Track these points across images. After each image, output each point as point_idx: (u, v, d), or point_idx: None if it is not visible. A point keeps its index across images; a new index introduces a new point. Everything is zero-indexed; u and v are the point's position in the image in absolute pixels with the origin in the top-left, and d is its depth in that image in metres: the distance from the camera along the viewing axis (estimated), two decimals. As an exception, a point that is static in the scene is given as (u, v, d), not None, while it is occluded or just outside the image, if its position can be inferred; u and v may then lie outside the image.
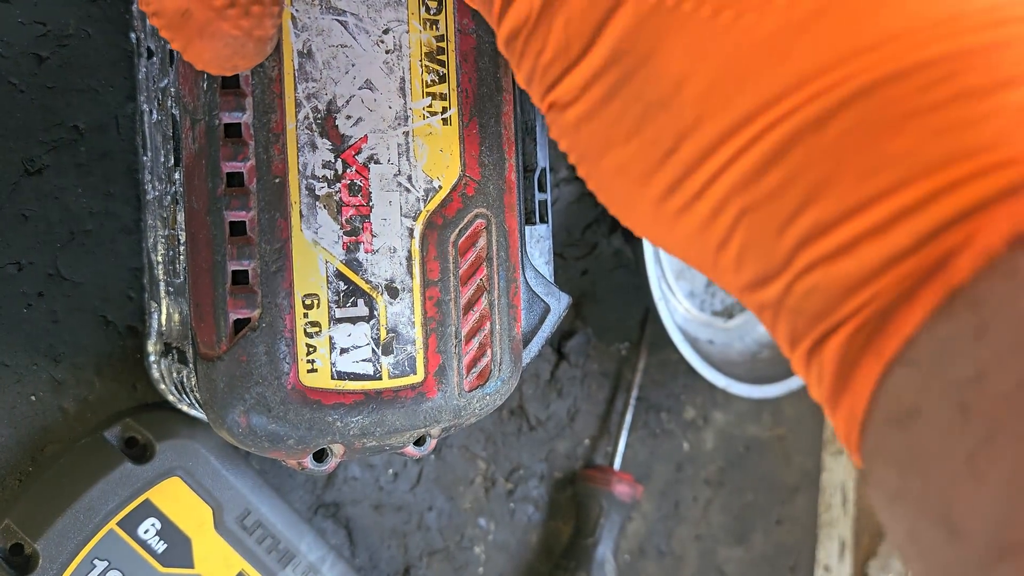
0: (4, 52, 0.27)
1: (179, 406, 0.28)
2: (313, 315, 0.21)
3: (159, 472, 0.28)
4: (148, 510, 0.28)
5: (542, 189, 0.27)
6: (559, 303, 0.27)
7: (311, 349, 0.21)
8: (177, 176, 0.23)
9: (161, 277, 0.26)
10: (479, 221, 0.23)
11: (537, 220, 0.27)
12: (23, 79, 0.28)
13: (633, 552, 0.45)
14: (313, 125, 0.21)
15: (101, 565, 0.27)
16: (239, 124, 0.20)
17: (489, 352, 0.24)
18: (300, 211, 0.21)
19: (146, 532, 0.28)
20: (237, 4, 0.16)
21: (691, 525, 0.47)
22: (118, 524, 0.28)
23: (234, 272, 0.21)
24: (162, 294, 0.26)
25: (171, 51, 0.22)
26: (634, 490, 0.42)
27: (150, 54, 0.24)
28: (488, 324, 0.24)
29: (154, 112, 0.25)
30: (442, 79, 0.22)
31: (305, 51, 0.21)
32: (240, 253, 0.20)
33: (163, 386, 0.27)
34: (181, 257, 0.23)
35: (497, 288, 0.24)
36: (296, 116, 0.21)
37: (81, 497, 0.27)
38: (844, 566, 0.56)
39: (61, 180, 0.29)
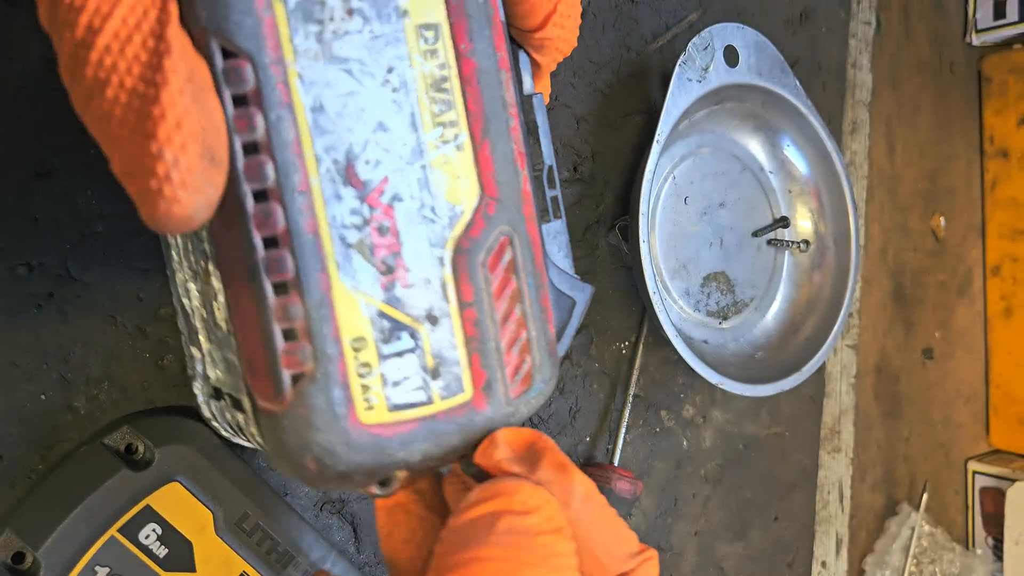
0: (13, 56, 0.27)
1: (234, 439, 0.28)
2: (363, 356, 0.22)
3: (158, 478, 0.28)
4: (148, 516, 0.28)
5: (552, 186, 0.28)
6: (583, 294, 0.28)
7: (366, 388, 0.22)
8: (204, 237, 0.23)
9: (199, 327, 0.26)
10: (503, 237, 0.24)
11: (551, 216, 0.27)
12: (32, 82, 0.27)
13: (632, 549, 0.45)
14: (335, 176, 0.21)
15: (103, 572, 0.27)
16: (266, 190, 0.20)
17: (529, 359, 0.25)
18: (336, 261, 0.21)
19: (147, 537, 0.28)
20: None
21: (690, 521, 0.47)
22: (119, 530, 0.28)
23: (283, 331, 0.21)
24: (202, 341, 0.27)
25: None
26: (634, 487, 0.42)
27: None
28: (524, 333, 0.24)
29: None
30: (449, 106, 0.22)
31: (317, 106, 0.21)
32: (286, 313, 0.21)
33: (215, 423, 0.28)
34: (219, 312, 0.24)
35: (528, 297, 0.25)
36: (318, 171, 0.21)
37: (81, 504, 0.27)
38: (841, 562, 0.56)
39: (71, 182, 0.28)
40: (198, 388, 0.28)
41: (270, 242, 0.21)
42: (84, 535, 0.27)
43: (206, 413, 0.28)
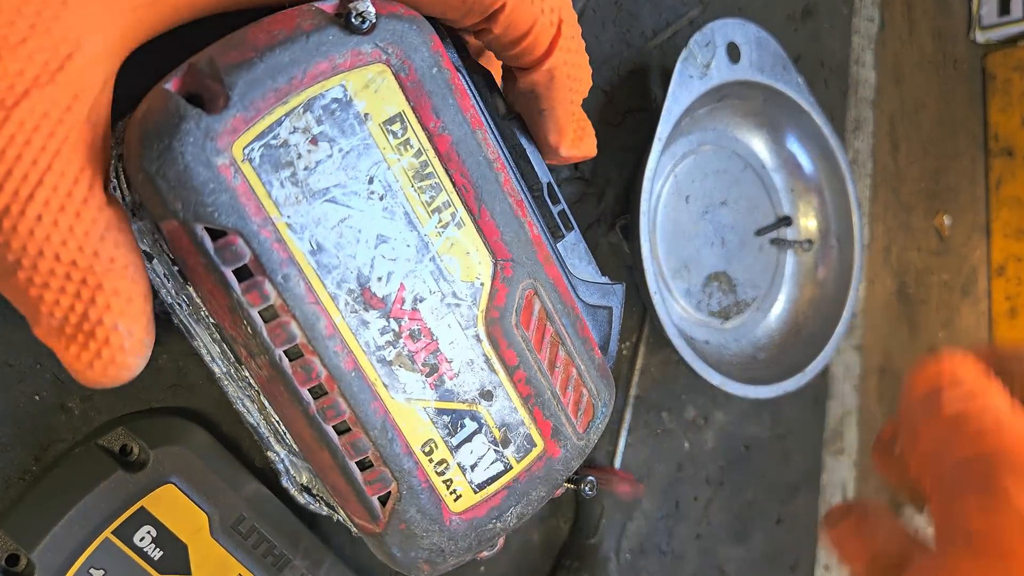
0: None
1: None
2: (436, 456, 0.23)
3: (153, 480, 0.28)
4: (143, 518, 0.28)
5: (556, 201, 0.27)
6: (617, 298, 0.28)
7: (449, 483, 0.23)
8: (248, 377, 0.23)
9: (269, 437, 0.27)
10: (528, 292, 0.24)
11: (563, 231, 0.27)
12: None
13: (634, 551, 0.45)
14: (356, 306, 0.21)
15: (98, 574, 0.27)
16: (298, 346, 0.21)
17: (584, 391, 0.26)
18: (383, 383, 0.22)
19: (142, 540, 0.28)
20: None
21: (692, 524, 0.47)
22: (113, 532, 0.27)
23: (358, 463, 0.22)
24: (277, 448, 0.28)
25: (179, 271, 0.22)
26: (635, 489, 0.42)
27: (148, 257, 0.24)
28: (574, 370, 0.25)
29: (184, 306, 0.25)
30: (438, 190, 0.22)
31: (315, 248, 0.20)
32: (355, 448, 0.22)
33: (312, 508, 0.29)
34: (286, 435, 0.25)
35: (567, 335, 0.25)
36: (339, 309, 0.21)
37: (76, 506, 0.27)
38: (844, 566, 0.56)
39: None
40: (286, 482, 0.29)
41: (317, 390, 0.21)
42: (79, 537, 0.27)
43: (300, 501, 0.29)
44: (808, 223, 0.50)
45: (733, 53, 0.43)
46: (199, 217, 0.19)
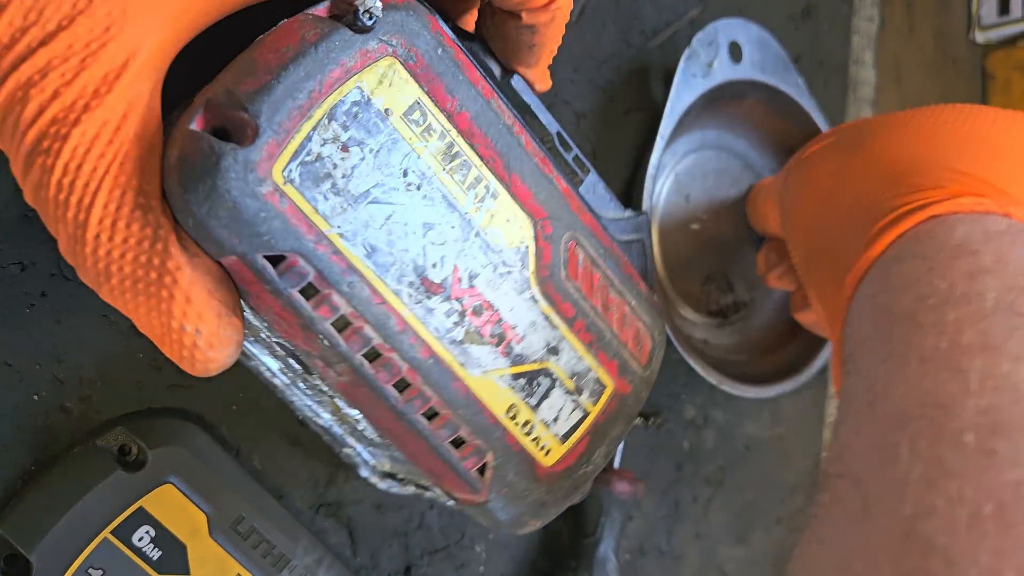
0: None
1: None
2: (521, 418, 0.24)
3: (152, 479, 0.28)
4: (142, 518, 0.28)
5: (567, 149, 0.28)
6: (644, 227, 0.29)
7: (537, 440, 0.25)
8: (319, 384, 0.24)
9: (345, 435, 0.28)
10: (570, 244, 0.25)
11: (581, 175, 0.28)
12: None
13: (634, 551, 0.45)
14: (419, 296, 0.22)
15: (96, 574, 0.27)
16: (375, 348, 0.21)
17: (639, 324, 0.27)
18: (459, 363, 0.23)
19: (140, 540, 0.28)
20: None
21: (691, 524, 0.47)
22: (112, 532, 0.27)
23: (451, 443, 0.23)
24: (353, 443, 0.28)
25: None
26: (635, 489, 0.42)
27: None
28: (626, 307, 0.27)
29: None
30: (468, 167, 0.23)
31: (370, 250, 0.21)
32: (447, 429, 0.23)
33: (395, 491, 0.30)
34: (365, 431, 0.26)
35: (612, 276, 0.26)
36: (403, 302, 0.22)
37: (74, 506, 0.27)
38: (844, 564, 0.56)
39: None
40: (365, 472, 0.30)
41: (401, 384, 0.22)
42: (77, 537, 0.27)
43: (382, 487, 0.30)
44: (808, 223, 0.50)
45: (735, 52, 0.43)
46: (257, 248, 0.19)
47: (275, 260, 0.19)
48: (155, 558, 0.28)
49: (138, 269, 0.18)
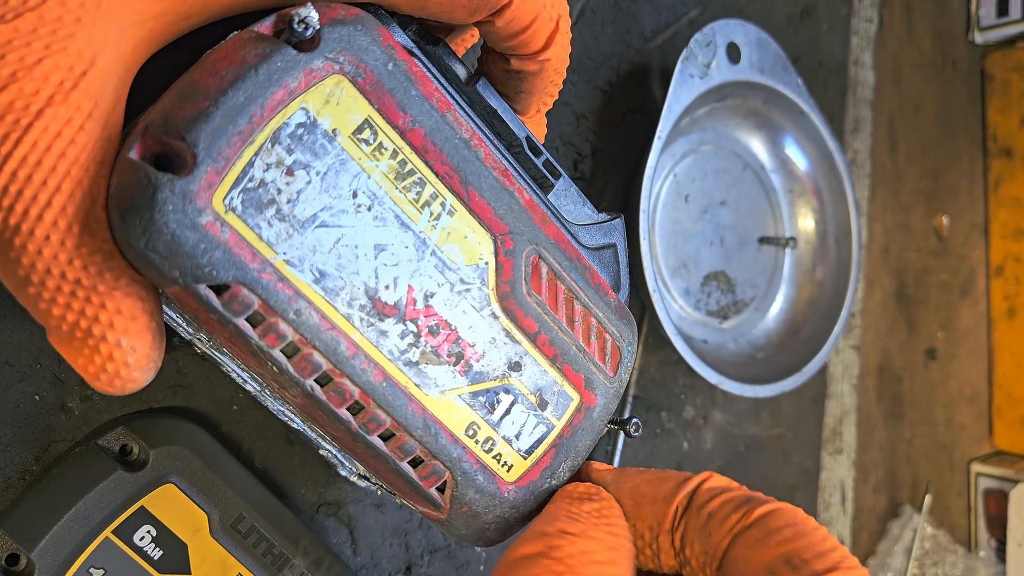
0: None
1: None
2: (481, 436, 0.24)
3: (153, 479, 0.28)
4: (143, 517, 0.28)
5: (537, 153, 0.27)
6: (618, 231, 0.29)
7: (498, 457, 0.24)
8: (293, 399, 0.24)
9: (320, 441, 0.28)
10: (532, 258, 0.24)
11: (551, 180, 0.27)
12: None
13: (632, 551, 0.45)
14: (371, 320, 0.21)
15: (97, 573, 0.27)
16: (325, 373, 0.21)
17: (607, 335, 0.26)
18: (415, 383, 0.22)
19: (142, 539, 0.28)
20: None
21: (690, 524, 0.47)
22: (113, 532, 0.27)
23: (409, 463, 0.23)
24: (327, 446, 0.28)
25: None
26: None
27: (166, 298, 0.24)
28: (593, 319, 0.26)
29: (204, 340, 0.25)
30: (422, 184, 0.22)
31: (318, 275, 0.20)
32: (403, 451, 0.22)
33: (375, 489, 0.30)
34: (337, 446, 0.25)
35: (579, 288, 0.26)
36: (355, 326, 0.21)
37: (76, 506, 0.27)
38: (843, 564, 0.56)
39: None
40: (344, 472, 0.29)
41: (355, 407, 0.22)
42: (78, 536, 0.27)
43: (361, 486, 0.30)
44: (806, 223, 0.50)
45: (733, 53, 0.43)
46: (199, 279, 0.18)
47: (219, 289, 0.19)
48: (156, 557, 0.28)
49: (85, 278, 0.18)
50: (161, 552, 0.28)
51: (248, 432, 0.32)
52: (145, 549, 0.28)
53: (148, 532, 0.28)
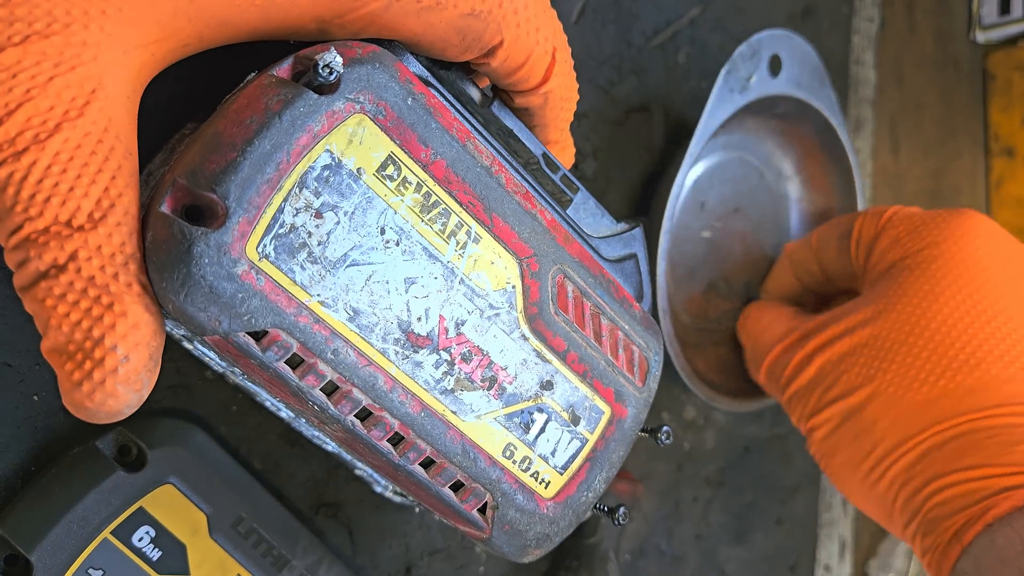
0: None
1: None
2: (518, 456, 0.24)
3: (152, 480, 0.28)
4: (142, 518, 0.28)
5: (554, 169, 0.28)
6: (638, 241, 0.29)
7: (536, 475, 0.25)
8: (333, 433, 0.24)
9: (356, 461, 0.29)
10: (558, 277, 0.25)
11: (569, 194, 0.28)
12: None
13: (634, 551, 0.45)
14: (405, 353, 0.22)
15: (96, 574, 0.27)
16: (365, 408, 0.21)
17: (634, 347, 0.27)
18: (451, 411, 0.23)
19: (140, 540, 0.28)
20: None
21: (691, 525, 0.47)
22: (112, 533, 0.27)
23: (451, 487, 0.24)
24: (363, 466, 0.29)
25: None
26: (633, 488, 0.42)
27: (187, 338, 0.25)
28: (620, 332, 0.27)
29: (238, 373, 0.26)
30: (447, 214, 0.22)
31: (352, 314, 0.21)
32: (443, 477, 0.23)
33: (412, 505, 0.31)
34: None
35: (604, 304, 0.26)
36: (391, 360, 0.21)
37: (74, 507, 0.27)
38: (844, 566, 0.56)
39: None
40: (379, 489, 0.30)
41: (395, 439, 0.22)
42: (77, 537, 0.27)
43: (397, 501, 0.31)
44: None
45: (775, 66, 0.41)
46: (238, 327, 0.19)
47: (257, 335, 0.19)
48: (155, 558, 0.28)
49: (101, 277, 0.18)
50: (160, 553, 0.28)
51: (247, 433, 0.32)
52: (144, 550, 0.28)
53: (147, 533, 0.28)
